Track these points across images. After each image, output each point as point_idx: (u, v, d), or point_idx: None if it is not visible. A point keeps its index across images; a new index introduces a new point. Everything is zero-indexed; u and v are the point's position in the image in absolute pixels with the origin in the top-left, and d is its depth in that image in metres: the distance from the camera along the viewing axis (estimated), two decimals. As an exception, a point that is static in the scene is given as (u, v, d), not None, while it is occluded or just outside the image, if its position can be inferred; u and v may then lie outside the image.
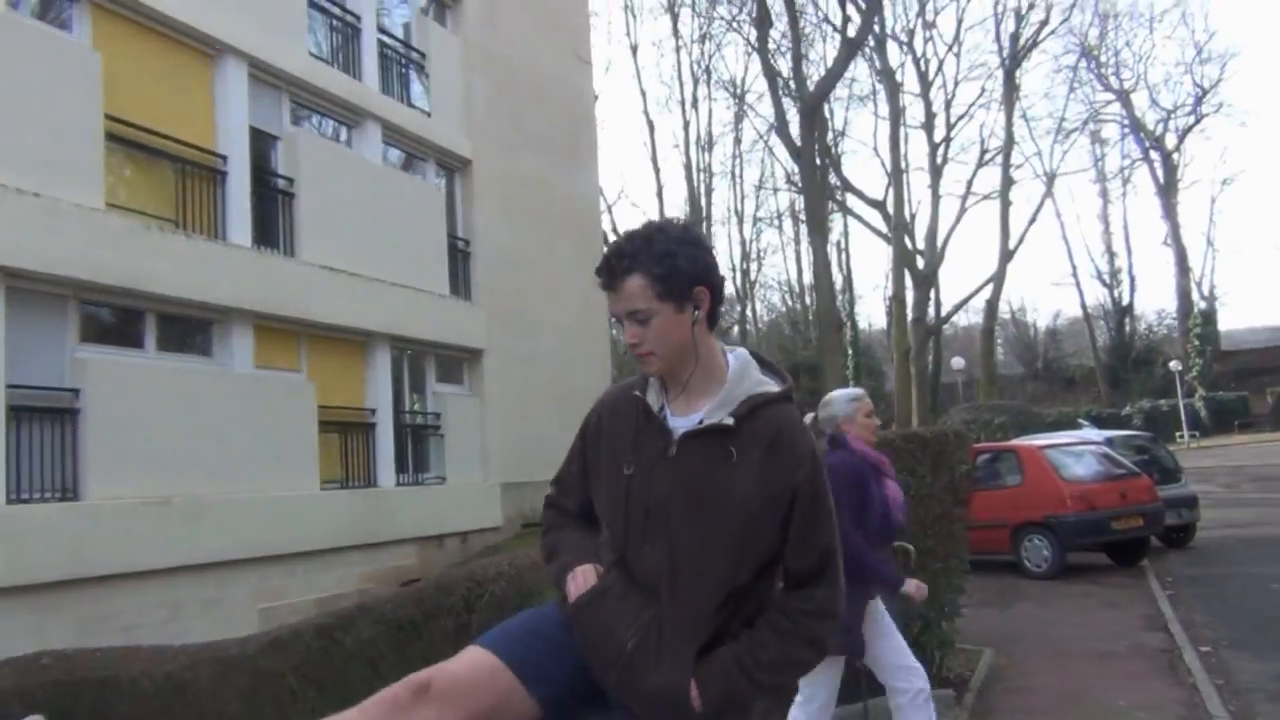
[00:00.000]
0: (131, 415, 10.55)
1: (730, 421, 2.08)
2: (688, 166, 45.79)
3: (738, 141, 53.31)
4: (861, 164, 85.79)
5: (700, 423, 2.11)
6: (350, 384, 14.25)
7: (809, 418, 4.79)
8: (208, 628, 10.45)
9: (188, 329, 12.10)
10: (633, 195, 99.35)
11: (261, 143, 13.17)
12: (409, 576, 13.68)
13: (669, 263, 2.06)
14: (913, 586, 4.62)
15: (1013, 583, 10.64)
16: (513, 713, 2.06)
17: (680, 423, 2.14)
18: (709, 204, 45.87)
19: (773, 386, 2.17)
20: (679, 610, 2.07)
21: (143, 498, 10.55)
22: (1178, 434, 40.83)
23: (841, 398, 4.75)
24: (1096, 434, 15.05)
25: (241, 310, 12.15)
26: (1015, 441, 13.93)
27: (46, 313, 10.18)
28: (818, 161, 24.09)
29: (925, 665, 6.23)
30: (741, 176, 68.16)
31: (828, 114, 31.82)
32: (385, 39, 15.86)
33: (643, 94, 64.70)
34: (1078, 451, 12.17)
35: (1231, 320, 60.22)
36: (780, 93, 25.07)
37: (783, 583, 2.16)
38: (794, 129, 24.73)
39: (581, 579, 2.19)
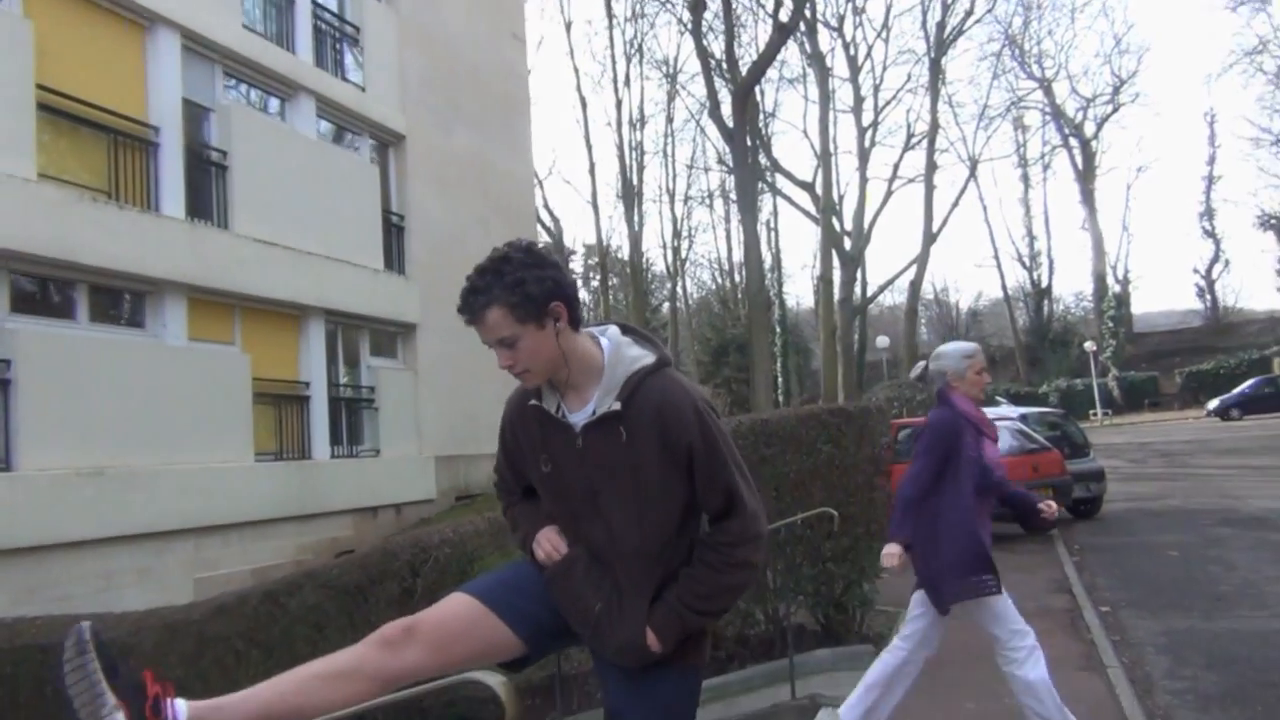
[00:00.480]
0: (64, 386, 10.51)
1: (618, 406, 2.31)
2: (620, 145, 45.85)
3: (669, 120, 53.61)
4: (791, 145, 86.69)
5: (594, 413, 2.34)
6: (284, 357, 14.26)
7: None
8: (143, 597, 10.51)
9: (120, 301, 12.04)
10: (565, 172, 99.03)
11: (194, 114, 13.08)
12: (344, 548, 13.77)
13: (520, 290, 2.25)
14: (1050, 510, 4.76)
15: (930, 551, 11.16)
16: (500, 650, 2.33)
17: (577, 417, 2.37)
18: (641, 182, 46.06)
19: (648, 358, 2.38)
20: (628, 573, 2.36)
21: (77, 468, 10.54)
22: (1091, 412, 42.38)
23: (954, 354, 4.65)
24: (1011, 410, 15.69)
25: (175, 282, 12.12)
26: (935, 417, 14.47)
27: (-23, 283, 10.09)
28: (749, 143, 24.43)
29: (847, 622, 6.67)
30: (674, 155, 68.37)
31: (759, 95, 32.19)
32: (320, 12, 15.77)
33: (575, 71, 64.15)
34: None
35: (1145, 303, 62.45)
36: (713, 74, 25.35)
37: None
38: (725, 109, 25.04)
39: (546, 544, 2.46)
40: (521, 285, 2.25)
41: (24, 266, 10.55)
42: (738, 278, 56.48)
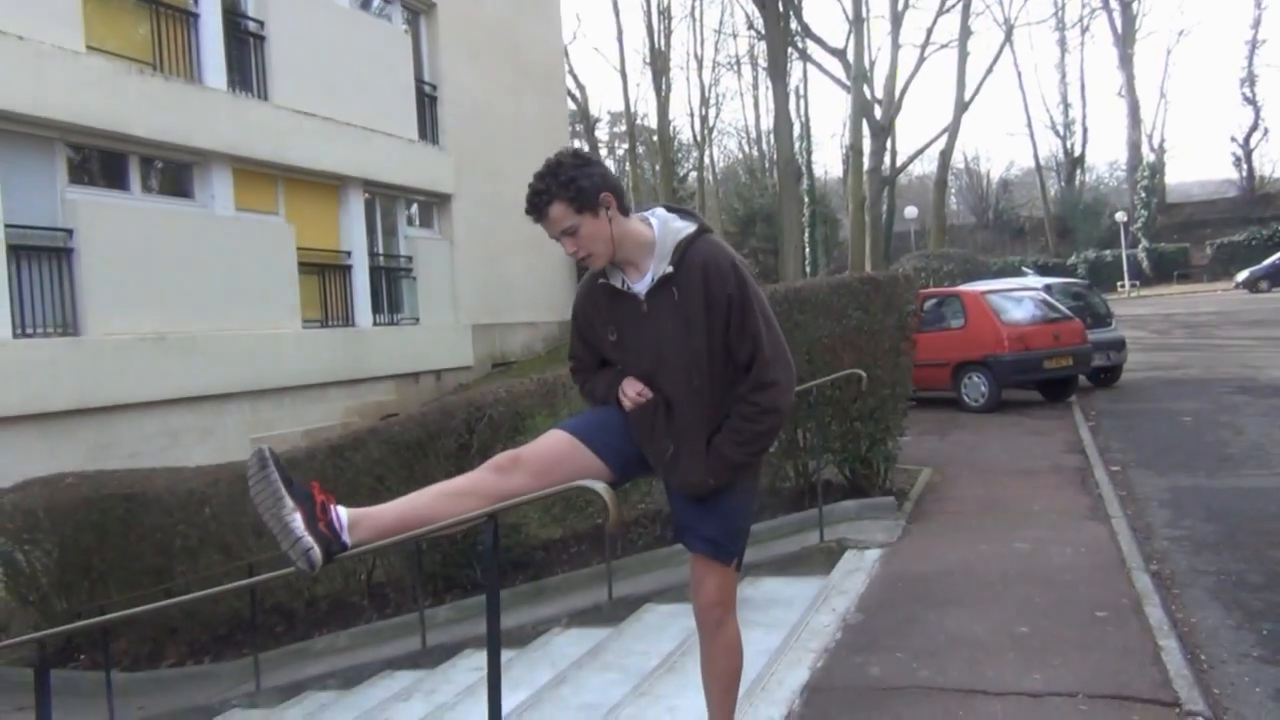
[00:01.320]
0: (123, 254, 10.99)
1: (670, 269, 2.74)
2: (647, 9, 44.90)
3: (699, -19, 52.15)
4: (821, 8, 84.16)
5: (653, 280, 2.77)
6: (326, 227, 14.66)
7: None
8: (205, 455, 11.18)
9: (169, 171, 12.40)
10: (593, 39, 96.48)
11: (232, -17, 13.17)
12: (389, 411, 14.43)
13: (574, 186, 2.68)
14: None
15: (951, 415, 11.61)
16: (590, 475, 2.78)
17: (640, 286, 2.79)
18: (668, 48, 45.24)
19: (691, 227, 2.80)
20: (689, 420, 2.81)
21: (139, 334, 11.10)
22: (1119, 284, 42.23)
23: None
24: (1037, 280, 15.93)
25: (220, 153, 12.46)
26: (960, 287, 14.72)
27: (36, 155, 10.49)
28: (779, 8, 24.00)
29: (871, 477, 7.16)
30: (702, 19, 66.80)
31: (791, -44, 31.33)
32: (350, -126, 15.56)
33: (602, -70, 62.24)
34: (1017, 297, 13.02)
35: (1180, 174, 61.38)
36: (745, -65, 24.70)
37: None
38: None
39: (631, 390, 2.88)
40: (574, 182, 2.68)
41: (77, 138, 10.90)
42: (765, 147, 55.86)
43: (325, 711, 6.22)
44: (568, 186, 2.68)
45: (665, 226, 2.80)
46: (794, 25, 30.20)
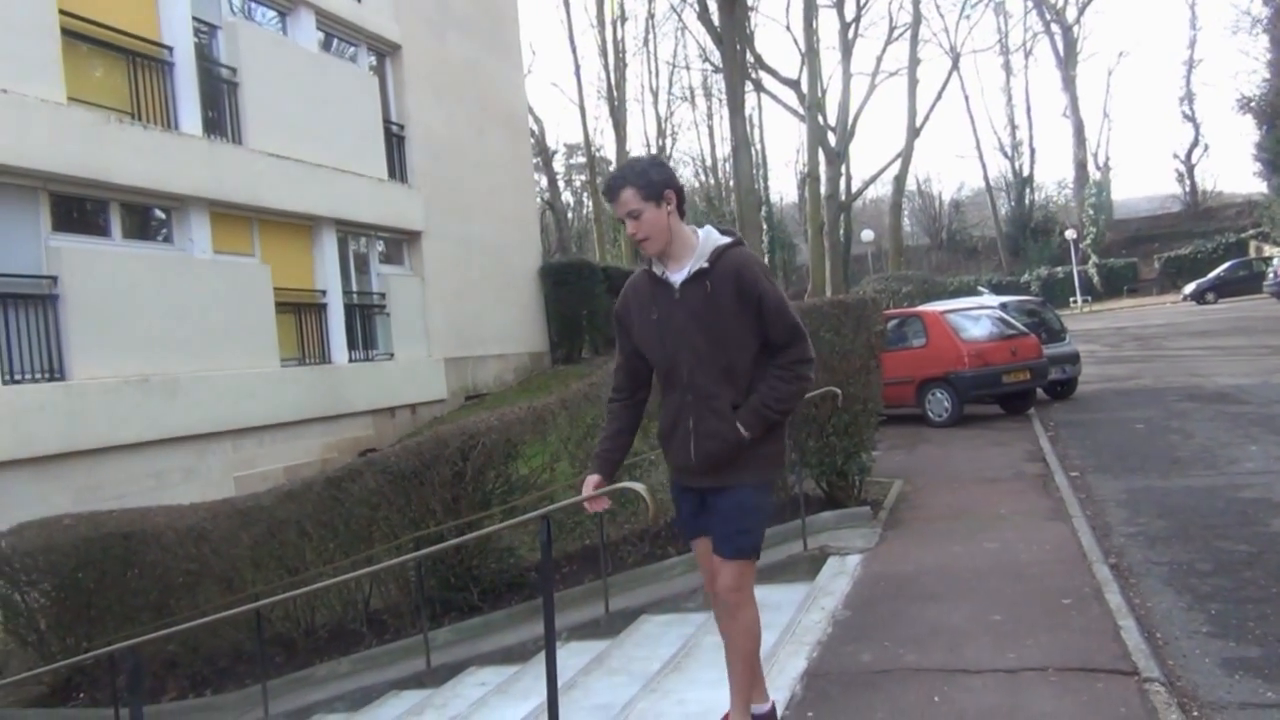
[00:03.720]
0: (106, 299, 11.21)
1: (706, 265, 3.26)
2: (602, 44, 45.66)
3: (651, 16, 53.04)
4: (772, 39, 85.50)
5: (690, 272, 3.29)
6: (301, 266, 14.93)
7: None
8: (190, 495, 11.36)
9: (149, 217, 12.65)
10: (550, 74, 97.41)
11: (203, 33, 13.48)
12: (366, 446, 14.67)
13: (645, 177, 3.25)
14: None
15: (917, 430, 12.08)
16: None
17: (677, 277, 3.31)
18: (623, 80, 45.94)
19: (729, 239, 3.33)
20: (706, 388, 3.28)
21: (124, 376, 11.30)
22: (1071, 299, 43.33)
23: None
24: (992, 299, 16.53)
25: (197, 198, 12.72)
26: (920, 308, 15.25)
27: (20, 204, 10.71)
28: (736, 44, 24.67)
29: (847, 488, 7.55)
30: (655, 52, 67.73)
31: (743, -9, 32.13)
32: (315, -77, 15.95)
33: (556, -32, 63.02)
34: (975, 315, 13.57)
35: (1125, 190, 62.93)
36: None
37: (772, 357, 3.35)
38: (712, 6, 25.22)
39: (589, 487, 3.43)
40: (646, 174, 3.27)
41: (60, 187, 11.13)
42: (722, 175, 56.73)
43: (338, 731, 6.48)
44: (640, 176, 3.25)
45: (708, 235, 3.34)
46: (748, 58, 30.95)
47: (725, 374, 3.27)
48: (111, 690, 7.90)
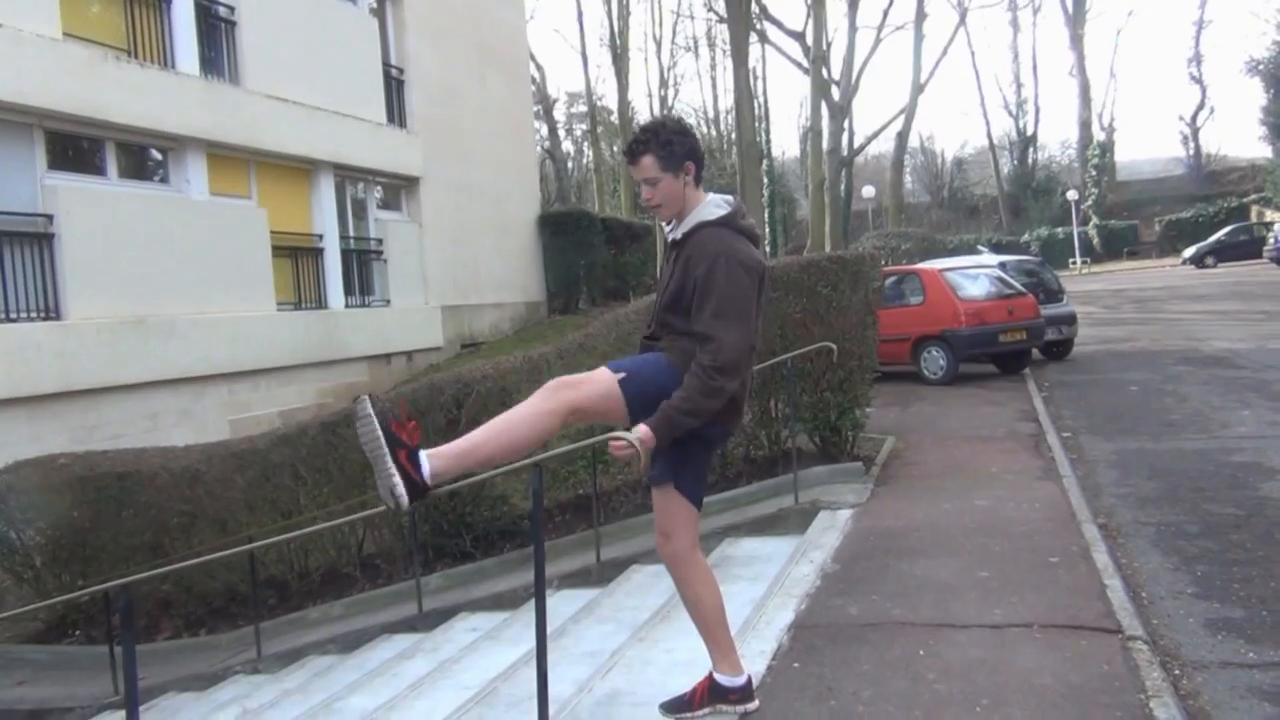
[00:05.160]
0: (102, 239, 11.15)
1: (679, 235, 3.29)
2: (606, -9, 44.96)
3: (656, -40, 52.25)
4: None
5: (673, 238, 3.34)
6: (298, 210, 14.84)
7: None
8: (185, 437, 11.41)
9: (146, 157, 12.54)
10: (553, 21, 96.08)
11: (201, -33, 13.27)
12: (362, 392, 14.66)
13: (669, 148, 3.21)
14: None
15: (912, 388, 12.09)
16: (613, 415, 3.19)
17: (673, 235, 3.37)
18: (627, 29, 45.31)
19: (718, 213, 3.25)
20: (666, 345, 3.26)
21: (120, 317, 11.28)
22: (1070, 260, 43.24)
23: None
24: (991, 258, 16.50)
25: (194, 138, 12.60)
26: (919, 265, 15.21)
27: (15, 141, 10.59)
28: (741, -8, 24.36)
29: (840, 443, 7.59)
30: (660, 1, 66.86)
31: (750, -62, 31.60)
32: None
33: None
34: (973, 274, 13.53)
35: (1129, 152, 62.59)
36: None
37: None
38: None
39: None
40: (670, 145, 3.22)
41: (56, 124, 11.01)
42: (723, 128, 56.28)
43: (330, 673, 6.54)
44: (664, 146, 3.21)
45: (702, 207, 3.29)
46: (753, 8, 30.57)
47: (675, 341, 3.25)
48: (106, 628, 8.02)
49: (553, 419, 3.03)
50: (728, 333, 3.08)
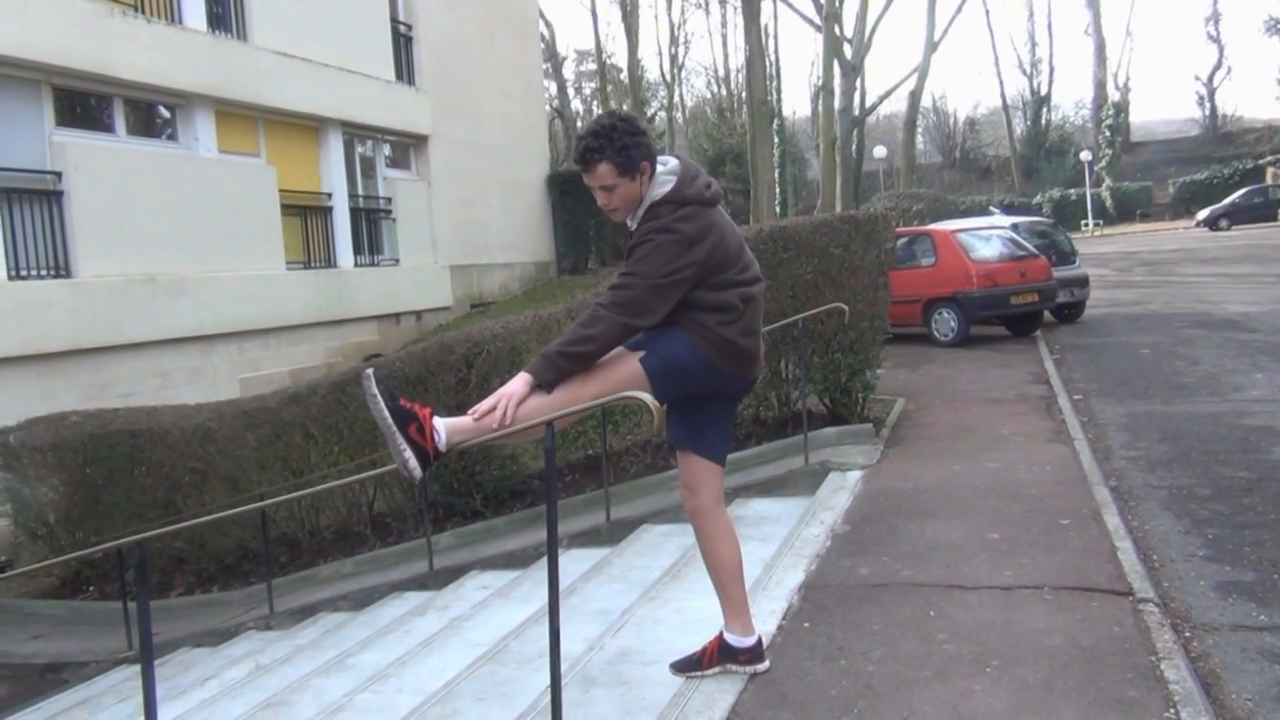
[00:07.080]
0: (112, 197, 11.13)
1: (634, 225, 3.15)
2: (616, -56, 44.36)
3: (667, -84, 51.53)
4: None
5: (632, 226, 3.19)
6: (306, 168, 14.78)
7: None
8: (195, 395, 11.46)
9: (154, 114, 12.48)
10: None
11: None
12: (371, 351, 14.72)
13: (625, 154, 3.04)
14: None
15: (923, 350, 12.06)
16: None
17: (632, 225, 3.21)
18: (638, -16, 44.77)
19: (665, 188, 3.10)
20: None
21: (130, 275, 11.28)
22: (1083, 222, 42.90)
23: None
24: (1004, 219, 16.35)
25: (202, 95, 12.53)
26: (930, 226, 15.09)
27: (23, 97, 10.55)
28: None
29: (851, 405, 7.57)
30: (671, -47, 66.02)
31: (762, -108, 31.08)
32: None
33: None
34: (985, 235, 13.43)
35: (1144, 112, 61.90)
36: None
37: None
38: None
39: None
40: (626, 150, 3.05)
41: (63, 80, 10.95)
42: (734, 86, 55.73)
43: (341, 630, 6.59)
44: (620, 153, 3.05)
45: (653, 189, 3.13)
46: (765, -37, 30.11)
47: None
48: (120, 584, 8.10)
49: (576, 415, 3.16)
50: (628, 295, 3.02)
